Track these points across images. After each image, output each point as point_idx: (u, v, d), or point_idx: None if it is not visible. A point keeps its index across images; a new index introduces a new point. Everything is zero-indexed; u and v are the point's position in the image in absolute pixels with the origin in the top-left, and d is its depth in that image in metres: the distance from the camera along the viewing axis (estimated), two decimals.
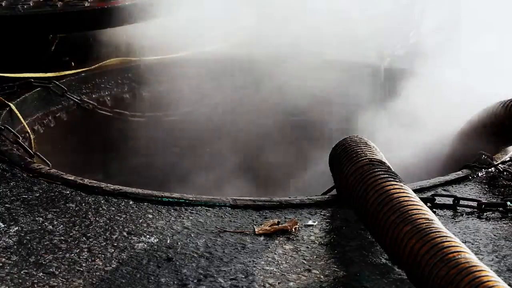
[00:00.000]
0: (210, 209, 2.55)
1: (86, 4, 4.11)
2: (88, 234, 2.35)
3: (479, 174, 2.87)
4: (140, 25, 4.17)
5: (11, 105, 3.48)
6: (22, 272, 2.13)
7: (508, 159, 2.97)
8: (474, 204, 2.59)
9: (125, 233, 2.37)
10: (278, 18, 4.30)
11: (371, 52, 4.27)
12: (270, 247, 2.29)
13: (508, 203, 2.57)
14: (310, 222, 2.46)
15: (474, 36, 3.95)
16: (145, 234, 2.36)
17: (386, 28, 4.28)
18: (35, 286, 2.06)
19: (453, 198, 2.60)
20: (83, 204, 2.56)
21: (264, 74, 4.18)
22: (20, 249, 2.25)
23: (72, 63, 4.07)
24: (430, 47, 4.11)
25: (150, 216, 2.49)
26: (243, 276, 2.12)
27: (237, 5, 4.24)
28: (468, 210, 2.58)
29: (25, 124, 3.53)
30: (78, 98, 3.91)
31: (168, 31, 4.12)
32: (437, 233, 1.91)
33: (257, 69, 4.19)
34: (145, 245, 2.29)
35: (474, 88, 3.66)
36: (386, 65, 4.24)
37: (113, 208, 2.54)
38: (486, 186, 2.79)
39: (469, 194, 2.71)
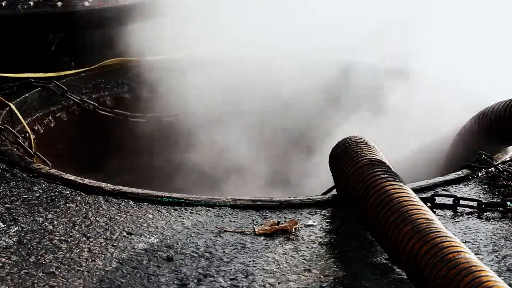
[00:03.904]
0: (210, 209, 2.55)
1: (86, 4, 4.11)
2: (88, 234, 2.35)
3: (479, 174, 2.87)
4: (140, 25, 4.17)
5: (11, 105, 3.48)
6: (22, 272, 2.13)
7: (508, 159, 2.97)
8: (474, 204, 2.59)
9: (125, 233, 2.37)
10: (275, 18, 4.30)
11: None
12: (270, 247, 2.30)
13: (508, 203, 2.57)
14: (310, 222, 2.46)
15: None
16: (145, 234, 2.36)
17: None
18: (35, 286, 2.07)
19: (453, 198, 2.60)
20: (83, 204, 2.56)
21: (264, 74, 4.18)
22: (20, 249, 2.25)
23: (72, 63, 4.08)
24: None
25: (150, 216, 2.49)
26: (243, 276, 2.13)
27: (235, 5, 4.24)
28: (468, 210, 2.58)
29: (25, 124, 3.53)
30: (78, 98, 3.91)
31: (168, 30, 4.12)
32: (437, 233, 1.91)
33: (257, 69, 4.19)
34: (145, 245, 2.29)
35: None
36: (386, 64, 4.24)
37: (113, 208, 2.54)
38: (486, 186, 2.79)
39: (469, 194, 2.71)
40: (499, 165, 2.89)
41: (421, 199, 2.26)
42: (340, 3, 4.31)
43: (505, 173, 2.85)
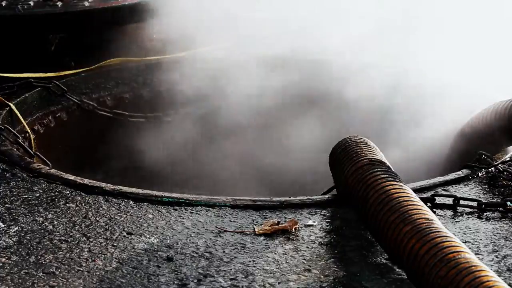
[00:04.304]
0: (210, 209, 2.55)
1: (86, 4, 4.12)
2: (88, 234, 2.35)
3: (479, 174, 2.87)
4: (140, 25, 4.17)
5: (11, 105, 3.48)
6: (22, 272, 2.13)
7: (508, 159, 2.97)
8: (474, 204, 2.59)
9: (125, 233, 2.37)
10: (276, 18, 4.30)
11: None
12: (270, 247, 2.30)
13: (508, 203, 2.57)
14: (310, 222, 2.46)
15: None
16: (145, 234, 2.36)
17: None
18: (35, 286, 2.07)
19: (453, 198, 2.60)
20: (83, 204, 2.56)
21: (264, 74, 4.18)
22: (20, 249, 2.25)
23: (72, 63, 4.07)
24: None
25: (150, 216, 2.49)
26: (243, 276, 2.13)
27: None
28: (468, 210, 2.58)
29: (25, 124, 3.53)
30: (78, 98, 3.91)
31: (168, 30, 4.12)
32: (437, 233, 1.91)
33: (257, 69, 4.19)
34: (145, 245, 2.29)
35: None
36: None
37: (113, 208, 2.54)
38: (486, 186, 2.79)
39: (469, 194, 2.71)
40: (499, 165, 2.89)
41: (421, 199, 2.26)
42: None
43: (505, 173, 2.85)
